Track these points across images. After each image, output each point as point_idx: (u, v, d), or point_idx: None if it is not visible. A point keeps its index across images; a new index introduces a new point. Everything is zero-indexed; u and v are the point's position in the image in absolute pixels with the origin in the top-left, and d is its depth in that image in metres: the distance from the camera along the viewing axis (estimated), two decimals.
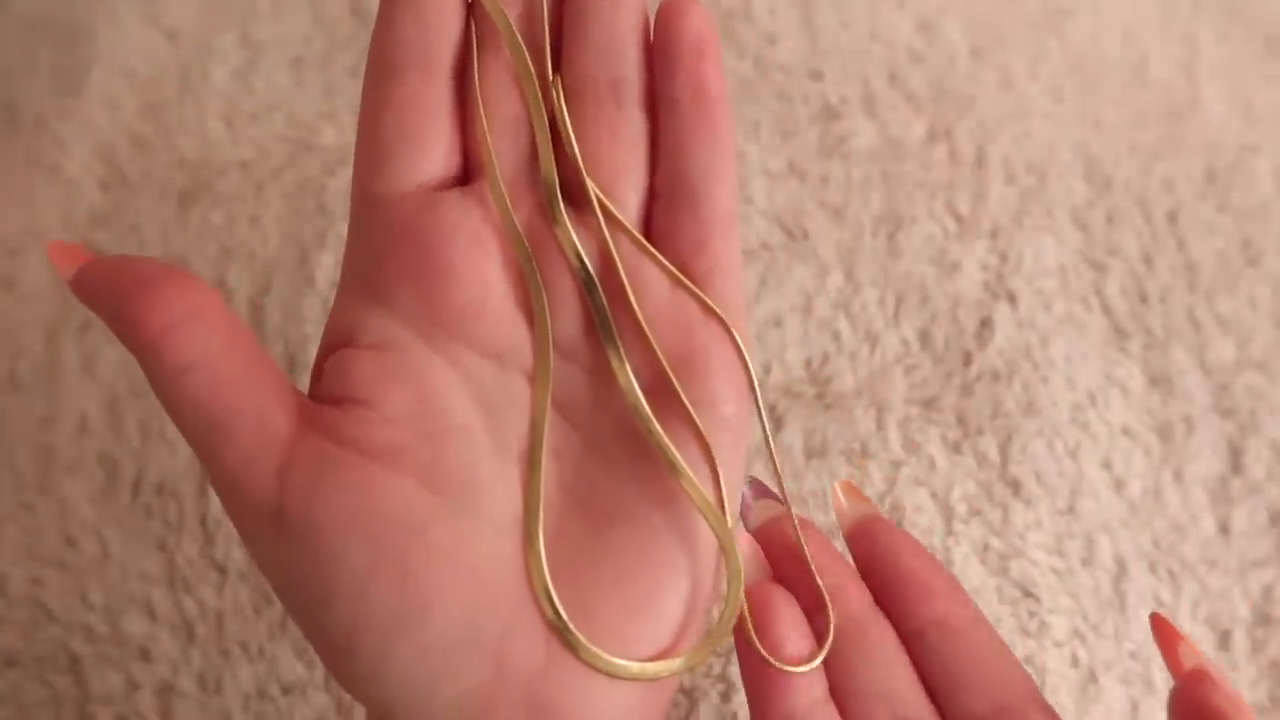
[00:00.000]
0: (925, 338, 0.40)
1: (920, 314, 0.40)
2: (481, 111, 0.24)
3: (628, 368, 0.23)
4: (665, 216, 0.24)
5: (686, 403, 0.23)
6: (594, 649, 0.22)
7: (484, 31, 0.24)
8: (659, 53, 0.24)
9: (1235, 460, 0.39)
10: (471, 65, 0.24)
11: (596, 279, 0.24)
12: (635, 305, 0.24)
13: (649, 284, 0.24)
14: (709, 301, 0.24)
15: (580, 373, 0.24)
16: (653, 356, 0.24)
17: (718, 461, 0.23)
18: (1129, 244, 0.41)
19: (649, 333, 0.24)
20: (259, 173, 0.42)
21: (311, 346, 0.39)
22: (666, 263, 0.24)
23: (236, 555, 0.37)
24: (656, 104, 0.24)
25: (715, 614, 0.25)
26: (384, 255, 0.23)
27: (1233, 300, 0.41)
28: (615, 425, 0.24)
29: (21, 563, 0.37)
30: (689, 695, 0.35)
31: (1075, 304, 0.40)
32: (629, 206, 0.24)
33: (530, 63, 0.24)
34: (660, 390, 0.23)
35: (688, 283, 0.24)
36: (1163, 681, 0.35)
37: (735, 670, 0.35)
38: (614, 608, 0.22)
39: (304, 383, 0.39)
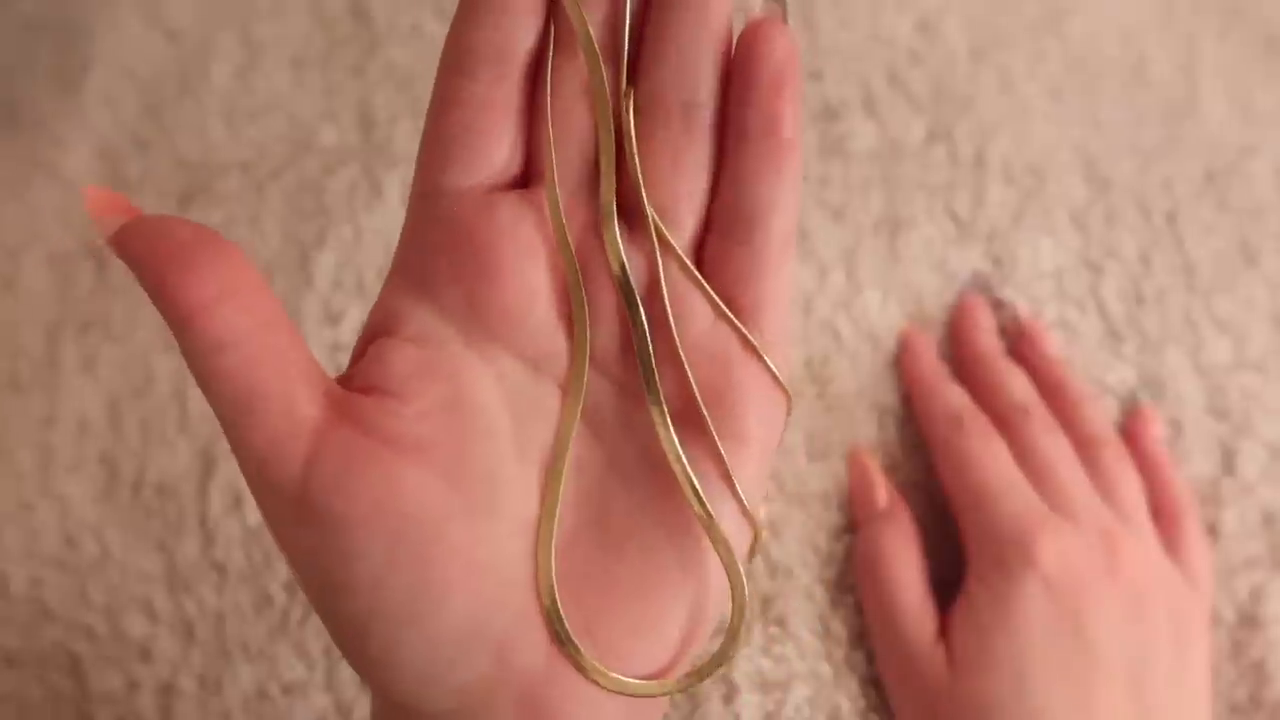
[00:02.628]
0: None
1: (920, 314, 0.40)
2: (549, 117, 0.24)
3: (660, 393, 0.23)
4: (718, 245, 0.24)
5: (715, 438, 0.23)
6: (593, 662, 0.22)
7: (562, 34, 0.24)
8: (737, 76, 0.23)
9: (1228, 461, 0.39)
10: (546, 68, 0.24)
11: (641, 300, 0.23)
12: (675, 332, 0.23)
13: (693, 311, 0.24)
14: (752, 340, 0.24)
15: (613, 389, 0.24)
16: (686, 382, 0.23)
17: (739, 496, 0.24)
18: (1127, 244, 0.41)
19: (685, 361, 0.23)
20: (259, 173, 0.42)
21: (311, 345, 0.39)
22: (713, 294, 0.24)
23: (236, 555, 0.37)
24: (726, 126, 0.24)
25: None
26: (436, 250, 0.24)
27: (1231, 300, 0.41)
28: (640, 445, 0.24)
29: (21, 563, 0.37)
30: (690, 697, 0.35)
31: (1070, 307, 0.40)
32: (684, 231, 0.24)
33: (604, 73, 0.23)
34: (689, 416, 0.23)
35: (732, 318, 0.24)
36: None
37: (738, 673, 0.36)
38: (617, 625, 0.23)
39: None
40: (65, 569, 0.37)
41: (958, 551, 0.36)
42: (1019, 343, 0.40)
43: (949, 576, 0.36)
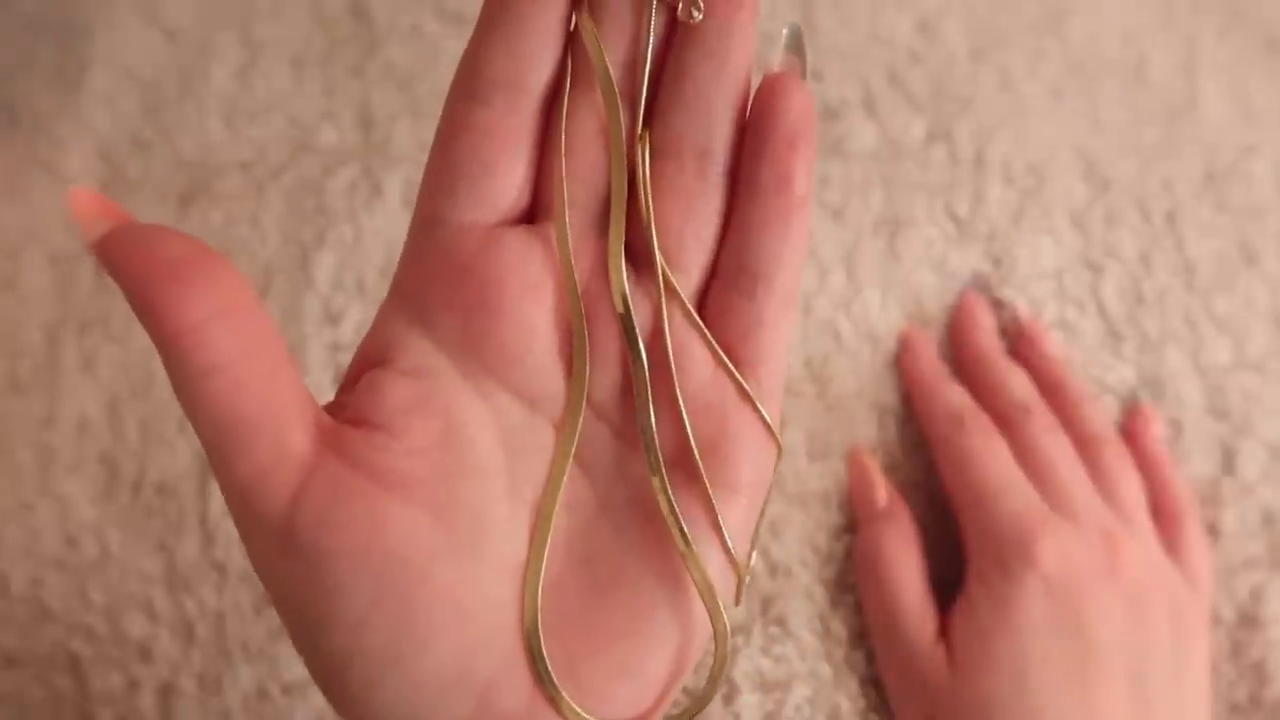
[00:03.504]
0: None
1: (920, 314, 0.40)
2: (562, 154, 0.23)
3: (656, 438, 0.23)
4: (722, 296, 0.24)
5: (709, 488, 0.23)
6: (575, 708, 0.22)
7: (580, 69, 0.23)
8: (752, 128, 0.23)
9: (1228, 461, 0.39)
10: (561, 102, 0.23)
11: (644, 345, 0.23)
12: (676, 381, 0.23)
13: (693, 360, 0.24)
14: (752, 396, 0.24)
15: (608, 433, 0.24)
16: (681, 429, 0.23)
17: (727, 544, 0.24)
18: (1127, 244, 0.41)
19: (683, 410, 0.23)
20: (259, 173, 0.42)
21: (311, 346, 0.39)
22: (717, 347, 0.24)
23: (236, 555, 0.37)
24: (738, 176, 0.24)
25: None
26: (437, 281, 0.23)
27: (1231, 300, 0.41)
28: (631, 490, 0.24)
29: (21, 563, 0.37)
30: (690, 695, 0.35)
31: (1070, 307, 0.40)
32: (689, 278, 0.24)
33: (621, 112, 0.23)
34: (682, 461, 0.23)
35: (733, 369, 0.24)
36: None
37: (738, 673, 0.36)
38: (600, 669, 0.23)
39: (306, 384, 0.39)
40: (65, 569, 0.37)
41: (958, 551, 0.36)
42: (1019, 343, 0.40)
43: (949, 576, 0.36)
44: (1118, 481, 0.36)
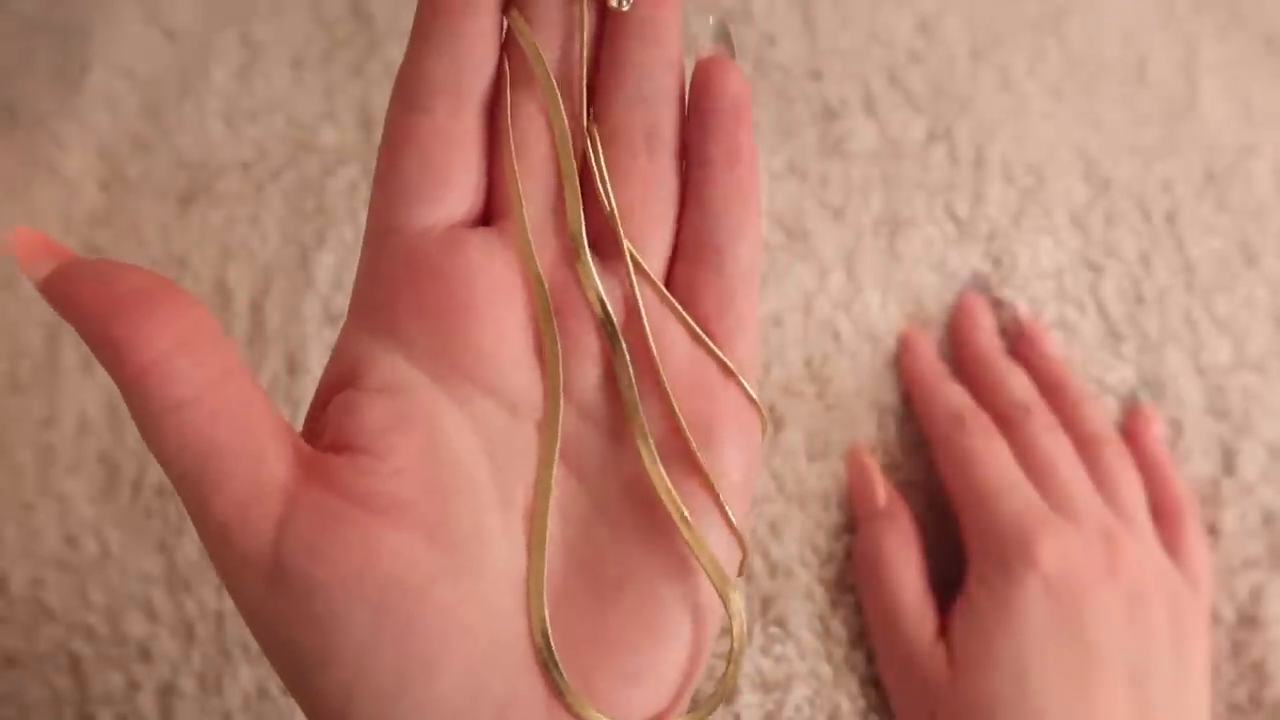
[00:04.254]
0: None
1: (920, 314, 0.40)
2: (512, 152, 0.23)
3: (645, 425, 0.23)
4: (688, 273, 0.24)
5: (706, 470, 0.23)
6: (598, 715, 0.22)
7: (519, 67, 0.24)
8: (695, 109, 0.24)
9: (1228, 461, 0.39)
10: (504, 103, 0.23)
11: (620, 334, 0.23)
12: (659, 364, 0.23)
13: (672, 342, 0.24)
14: (735, 371, 0.24)
15: (591, 427, 0.23)
16: (669, 414, 0.23)
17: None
18: (1127, 244, 0.41)
19: (671, 395, 0.23)
20: (259, 173, 0.42)
21: (312, 346, 0.39)
22: (694, 325, 0.24)
23: None
24: (685, 157, 0.24)
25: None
26: (400, 291, 0.23)
27: (1231, 300, 0.41)
28: (623, 483, 0.23)
29: (21, 563, 0.37)
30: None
31: (1070, 307, 0.40)
32: (655, 259, 0.24)
33: (564, 106, 0.23)
34: (670, 447, 0.23)
35: (712, 345, 0.24)
36: None
37: (740, 673, 0.36)
38: (614, 673, 0.22)
39: (306, 384, 0.39)
40: (65, 569, 0.37)
41: (958, 551, 0.36)
42: (1019, 342, 0.40)
43: (949, 576, 0.36)
44: (1118, 482, 0.36)
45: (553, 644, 0.22)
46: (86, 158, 0.42)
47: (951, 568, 0.36)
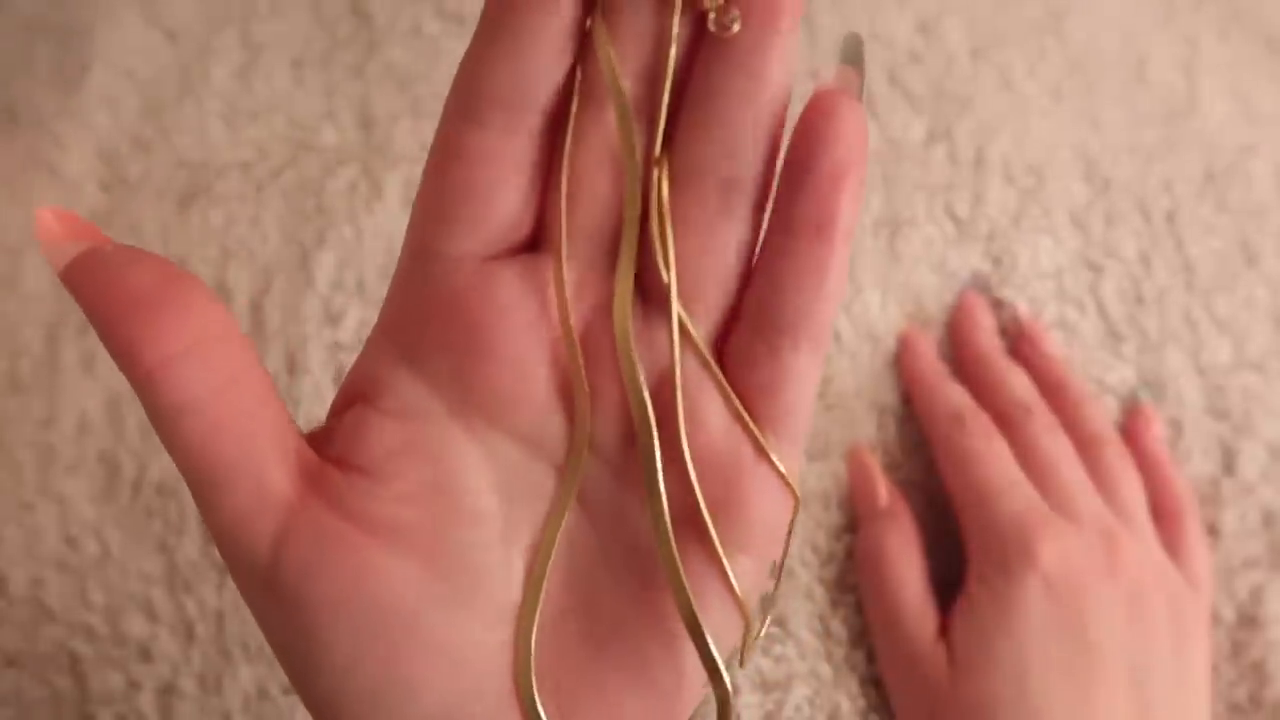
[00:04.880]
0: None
1: (920, 314, 0.40)
2: (564, 180, 0.21)
3: (663, 495, 0.21)
4: (743, 344, 0.21)
5: (715, 540, 0.21)
6: None
7: (590, 83, 0.21)
8: (793, 156, 0.20)
9: (1228, 461, 0.39)
10: (568, 122, 0.21)
11: (650, 394, 0.21)
12: (685, 436, 0.21)
13: (707, 411, 0.21)
14: (770, 455, 0.21)
15: (611, 476, 0.22)
16: (690, 486, 0.21)
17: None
18: (1127, 244, 0.41)
19: (691, 471, 0.21)
20: (259, 173, 0.42)
21: (312, 346, 0.39)
22: (736, 400, 0.21)
23: None
24: (769, 207, 0.21)
25: None
26: (427, 318, 0.21)
27: (1231, 300, 0.41)
28: (632, 540, 0.22)
29: (21, 563, 0.37)
30: None
31: (1070, 307, 0.40)
32: (707, 321, 0.21)
33: (636, 133, 0.20)
34: (690, 516, 0.21)
35: (752, 426, 0.21)
36: None
37: (739, 673, 0.36)
38: (595, 717, 0.22)
39: (306, 384, 0.39)
40: (65, 569, 0.37)
41: (958, 551, 0.36)
42: (1019, 342, 0.40)
43: (949, 576, 0.36)
44: (1118, 481, 0.36)
45: (534, 682, 0.21)
46: (86, 158, 0.42)
47: (951, 568, 0.36)
